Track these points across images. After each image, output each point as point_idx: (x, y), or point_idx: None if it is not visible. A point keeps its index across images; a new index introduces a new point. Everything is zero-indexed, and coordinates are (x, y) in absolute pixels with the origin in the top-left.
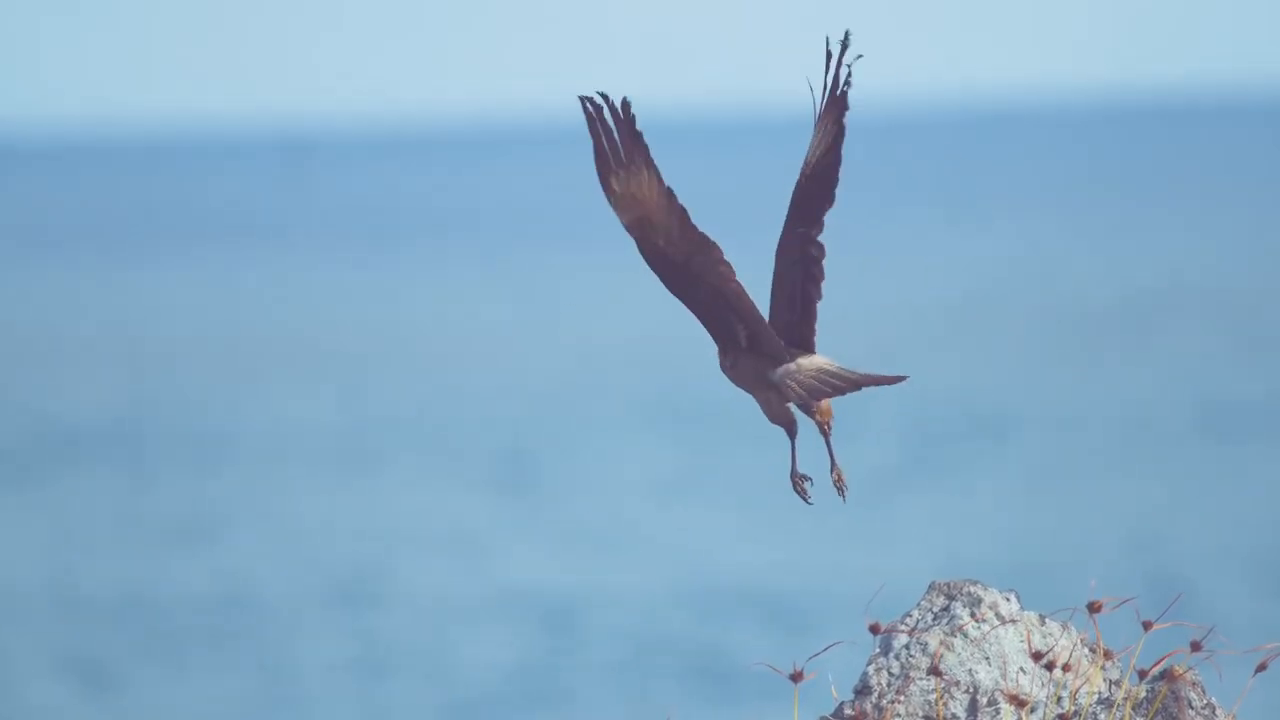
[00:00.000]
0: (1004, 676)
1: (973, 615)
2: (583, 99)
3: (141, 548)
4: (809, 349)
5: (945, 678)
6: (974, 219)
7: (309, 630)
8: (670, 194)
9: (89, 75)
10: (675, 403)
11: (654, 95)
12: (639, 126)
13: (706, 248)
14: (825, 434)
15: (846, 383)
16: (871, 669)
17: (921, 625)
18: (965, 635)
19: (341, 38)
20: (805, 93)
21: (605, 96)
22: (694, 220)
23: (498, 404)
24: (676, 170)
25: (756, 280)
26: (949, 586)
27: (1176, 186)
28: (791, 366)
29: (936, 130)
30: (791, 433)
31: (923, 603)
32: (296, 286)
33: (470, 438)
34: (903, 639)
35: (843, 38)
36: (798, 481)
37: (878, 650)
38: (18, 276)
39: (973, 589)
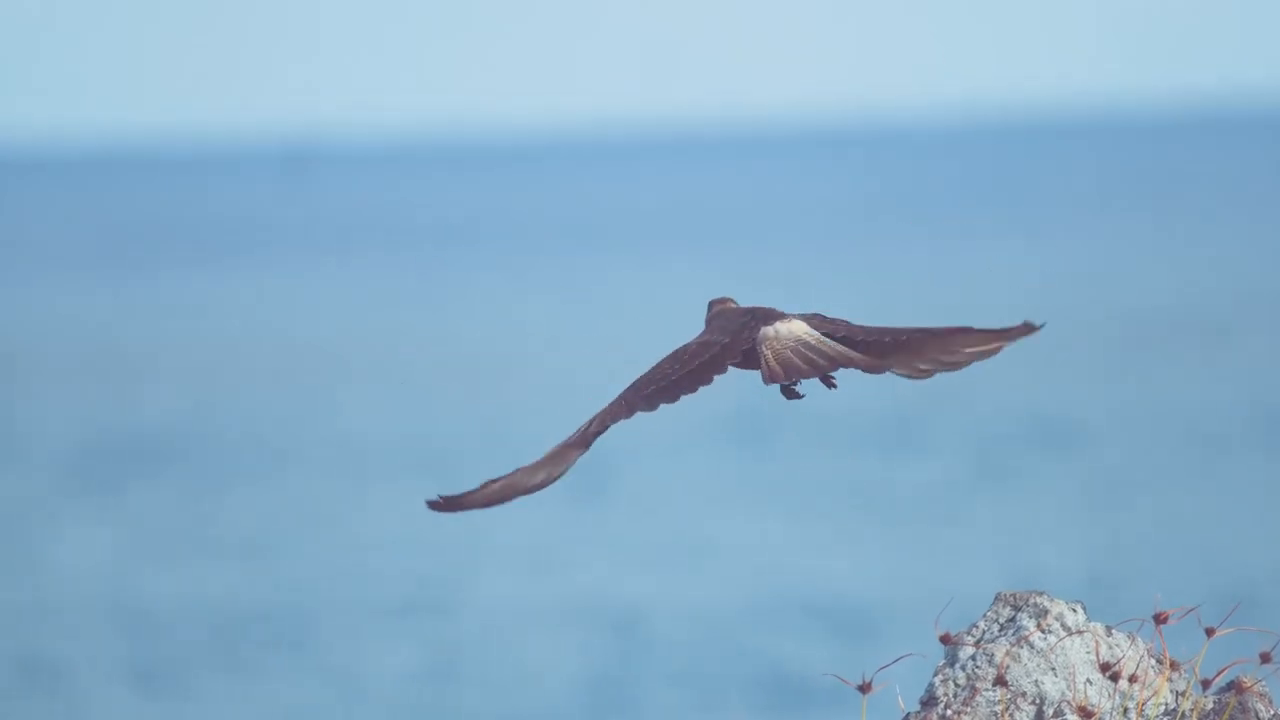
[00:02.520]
0: (1070, 688)
1: (1039, 626)
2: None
3: (208, 557)
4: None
5: (1011, 689)
6: (1036, 228)
7: (377, 640)
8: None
9: (90, 87)
10: (742, 412)
11: (655, 106)
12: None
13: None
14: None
15: (825, 359)
16: (938, 680)
17: (987, 636)
18: (1031, 646)
19: (342, 46)
20: (799, 106)
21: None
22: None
23: (563, 413)
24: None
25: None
26: (1015, 597)
27: (1242, 195)
28: (770, 331)
29: (1001, 139)
30: (766, 382)
31: (989, 614)
32: (359, 295)
33: (537, 447)
34: (969, 650)
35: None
36: (787, 387)
37: (944, 661)
38: (76, 287)
39: (1039, 600)
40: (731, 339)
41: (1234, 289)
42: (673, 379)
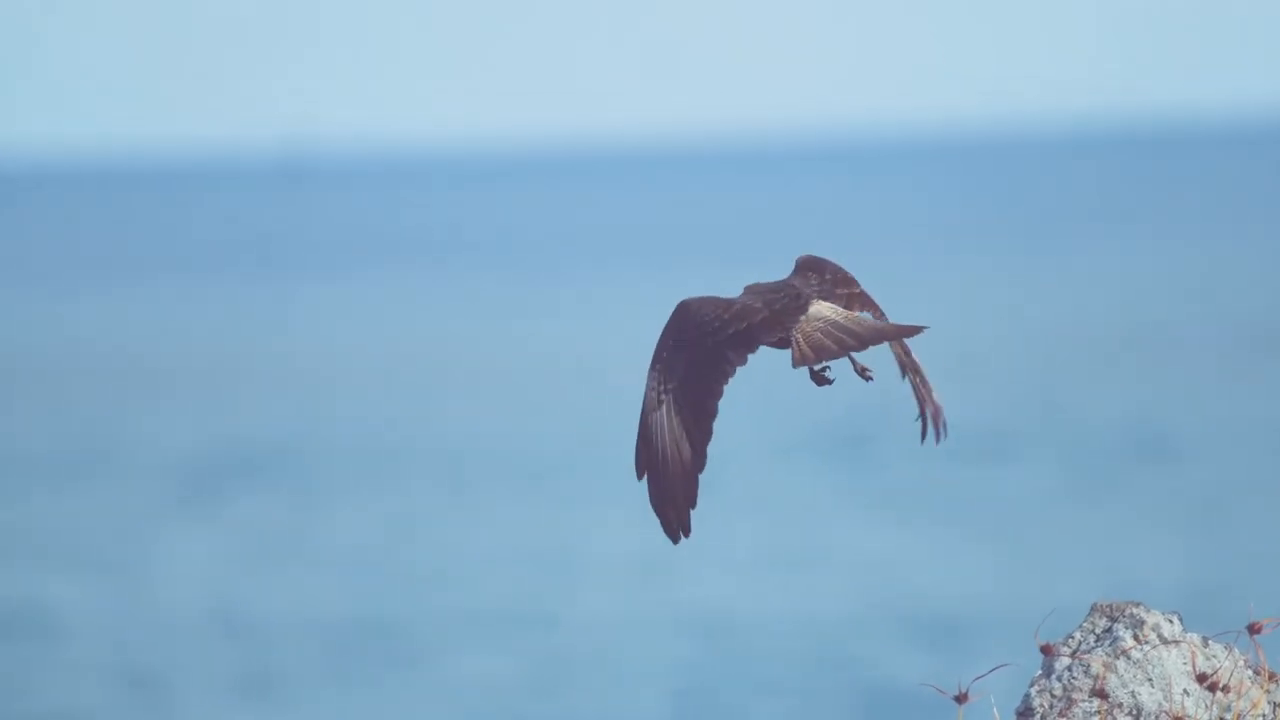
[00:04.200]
0: (1167, 698)
1: (1135, 637)
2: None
3: (313, 568)
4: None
5: (1109, 699)
6: (1137, 239)
7: (478, 650)
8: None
9: (97, 101)
10: (842, 422)
11: (661, 120)
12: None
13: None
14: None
15: (855, 339)
16: (1034, 690)
17: (1084, 647)
18: (1128, 657)
19: (343, 57)
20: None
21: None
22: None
23: None
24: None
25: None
26: (1111, 608)
27: None
28: (800, 317)
29: (1102, 150)
30: (795, 365)
31: (1085, 624)
32: (456, 305)
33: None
34: (1065, 660)
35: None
36: (816, 374)
37: (1040, 672)
38: (180, 298)
39: (1135, 610)
40: (771, 314)
41: None
42: (707, 337)
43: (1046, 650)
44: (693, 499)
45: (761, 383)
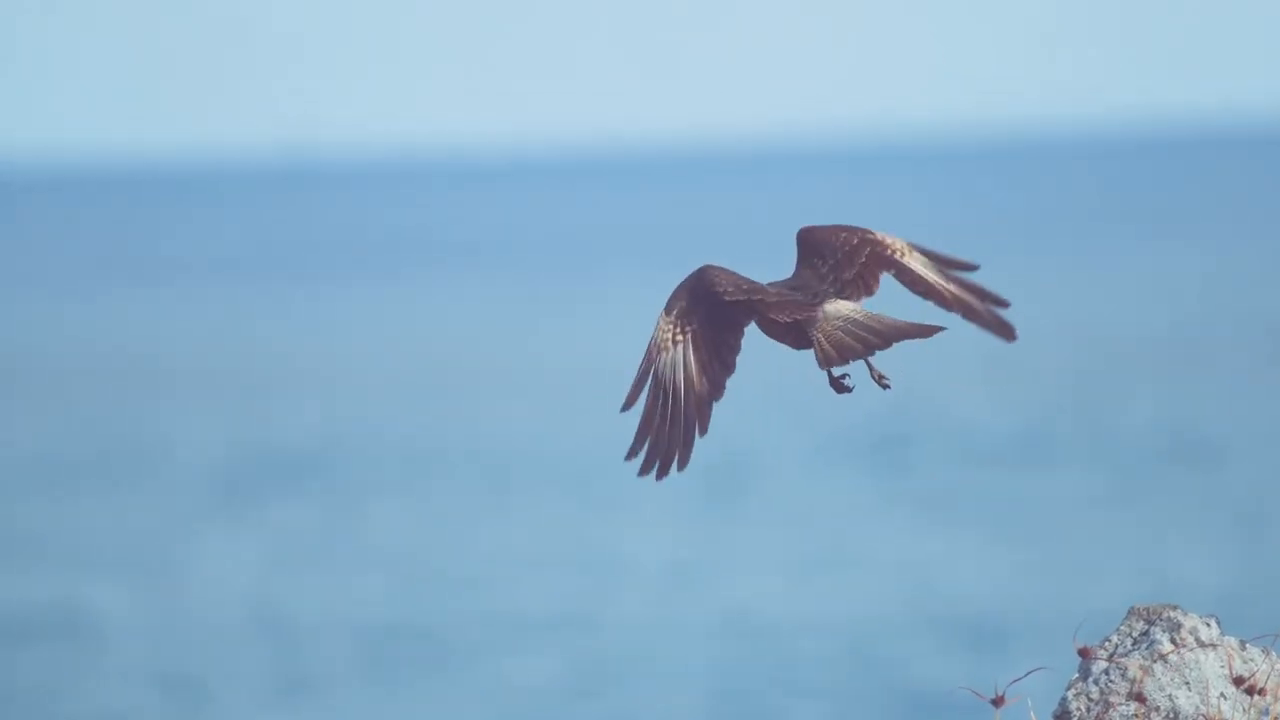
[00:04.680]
0: (1204, 702)
1: (1172, 640)
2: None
3: (351, 570)
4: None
5: (1147, 703)
6: (1171, 242)
7: (518, 653)
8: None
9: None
10: (879, 426)
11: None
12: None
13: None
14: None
15: (878, 337)
16: (1071, 694)
17: (1121, 650)
18: (1165, 660)
19: (342, 60)
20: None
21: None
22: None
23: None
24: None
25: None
26: (1148, 611)
27: None
28: (817, 315)
29: (1126, 152)
30: (820, 365)
31: (1122, 628)
32: (491, 304)
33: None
34: (1102, 664)
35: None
36: (835, 382)
37: (1077, 675)
38: (216, 301)
39: (1172, 614)
40: (781, 300)
41: None
42: (736, 298)
43: (1084, 653)
44: (705, 426)
45: (796, 386)
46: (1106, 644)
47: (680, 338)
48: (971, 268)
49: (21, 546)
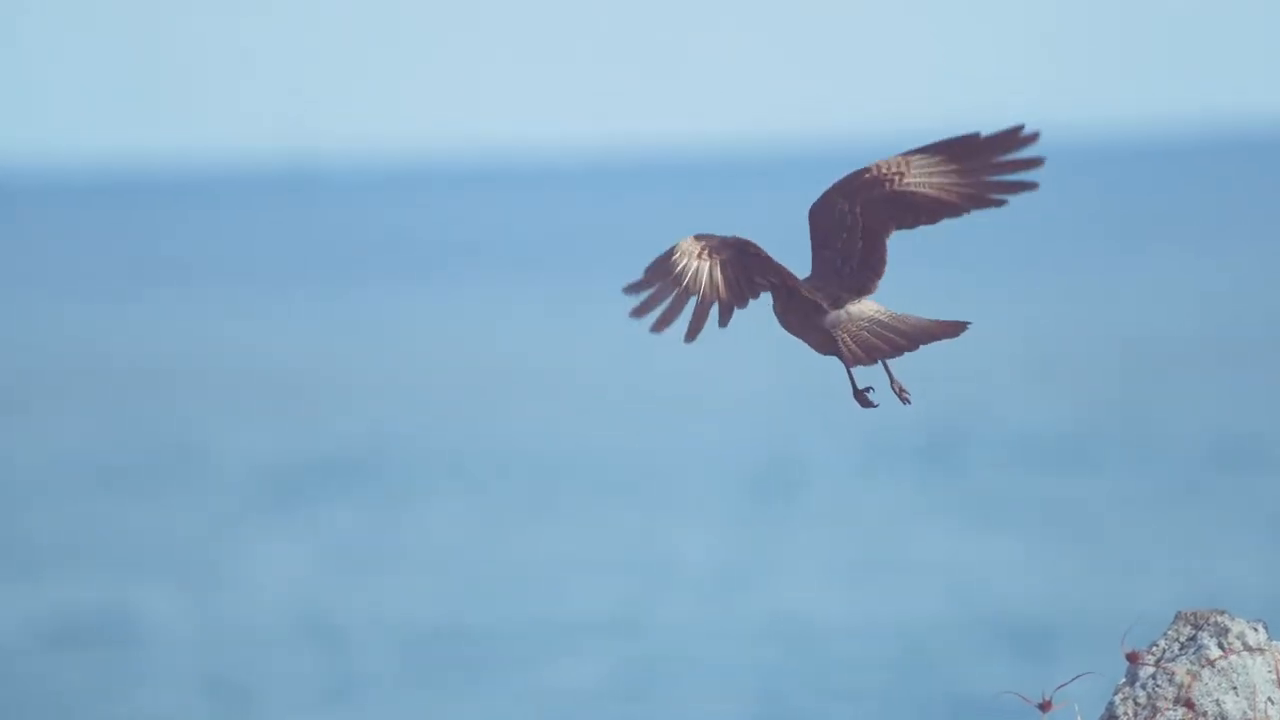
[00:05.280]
0: (1252, 707)
1: (1220, 645)
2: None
3: (397, 574)
4: (864, 291)
5: (1195, 708)
6: (1211, 245)
7: (563, 658)
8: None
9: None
10: (920, 430)
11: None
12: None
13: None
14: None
15: (905, 338)
16: (1118, 699)
17: (1168, 655)
18: (1213, 665)
19: (341, 64)
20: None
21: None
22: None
23: (749, 430)
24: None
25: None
26: (1196, 616)
27: None
28: (842, 315)
29: (1175, 159)
30: (847, 364)
31: (1169, 632)
32: (534, 308)
33: (722, 466)
34: (1149, 669)
35: (1024, 134)
36: (860, 395)
37: (1124, 680)
38: (261, 306)
39: (1220, 619)
40: (805, 291)
41: None
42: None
43: (1131, 658)
44: (724, 323)
45: (841, 389)
46: (1154, 649)
47: (706, 258)
48: (975, 136)
49: (70, 551)
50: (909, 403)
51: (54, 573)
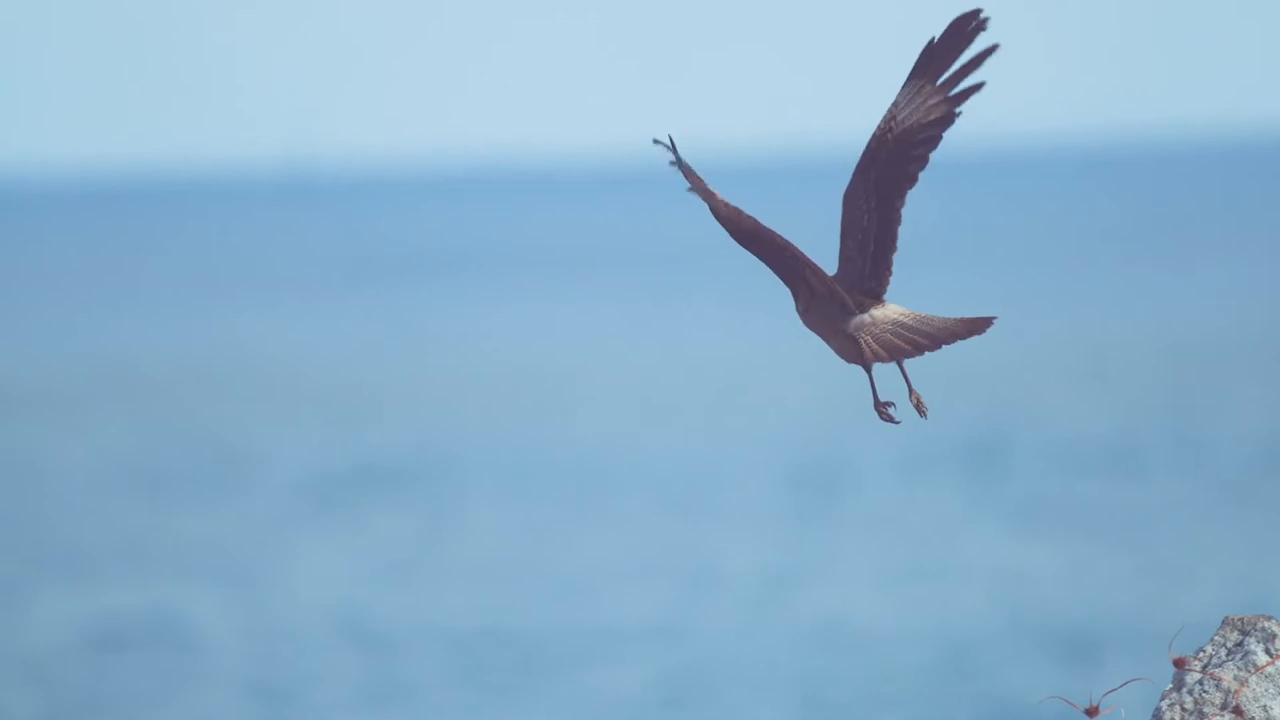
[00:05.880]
0: None
1: (1267, 651)
2: (658, 141)
3: (443, 581)
4: (879, 295)
5: (1244, 714)
6: (1259, 251)
7: (612, 662)
8: (736, 211)
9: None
10: (967, 436)
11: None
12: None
13: (767, 237)
14: (898, 364)
15: (928, 339)
16: (1165, 704)
17: (1215, 661)
18: (1260, 671)
19: (340, 69)
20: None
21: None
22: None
23: (793, 435)
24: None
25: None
26: (1243, 622)
27: None
28: (865, 319)
29: (1222, 164)
30: (867, 368)
31: (1216, 638)
32: (581, 315)
33: (767, 471)
34: (1195, 675)
35: (977, 19)
36: (882, 409)
37: (1171, 685)
38: (309, 313)
39: (1267, 624)
40: (831, 293)
41: None
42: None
43: (1178, 664)
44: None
45: (887, 394)
46: (1200, 654)
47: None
48: (931, 41)
49: (118, 555)
50: (925, 416)
51: (103, 577)
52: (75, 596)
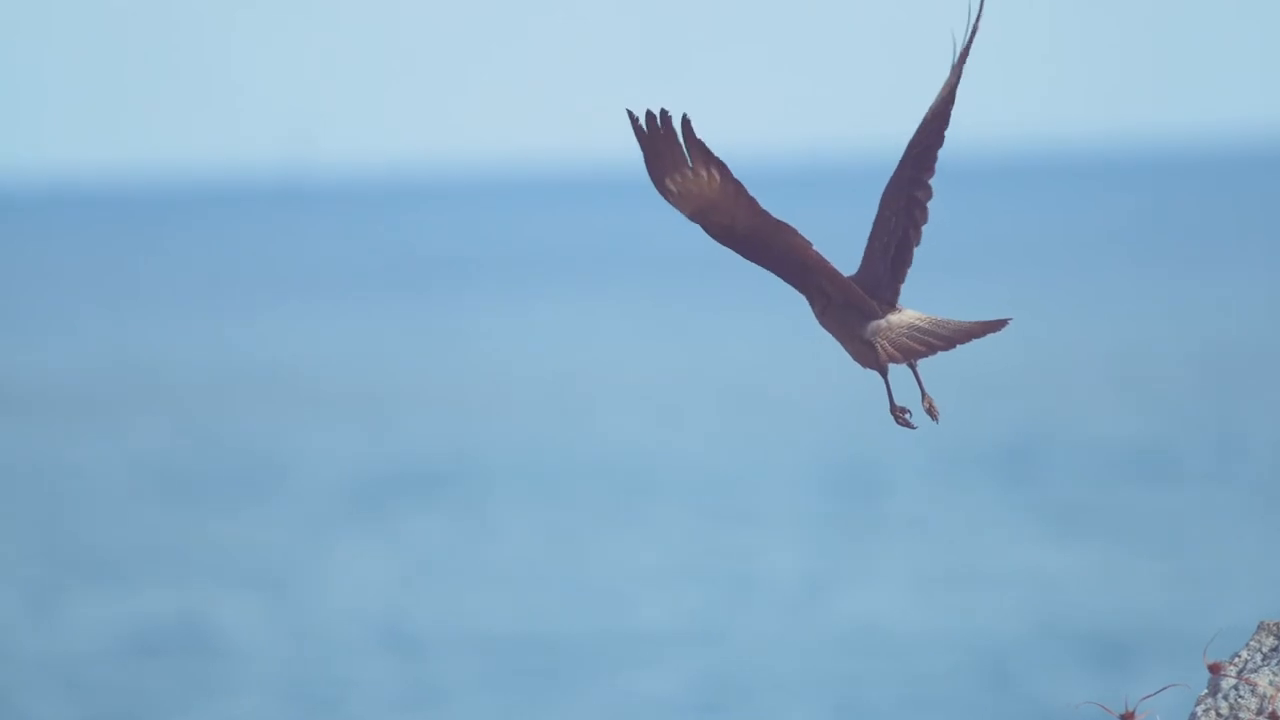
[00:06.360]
0: None
1: None
2: (630, 114)
3: (478, 585)
4: (893, 300)
5: None
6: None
7: (646, 666)
8: (740, 186)
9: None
10: (1001, 440)
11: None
12: (698, 135)
13: (780, 229)
14: (911, 368)
15: (942, 340)
16: (1200, 710)
17: (1250, 666)
18: None
19: (338, 75)
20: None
21: (662, 111)
22: (763, 207)
23: (827, 439)
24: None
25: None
26: (1278, 627)
27: None
28: (882, 323)
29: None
30: (883, 373)
31: (1251, 643)
32: (614, 319)
33: (801, 475)
34: (1231, 680)
35: None
36: (898, 414)
37: (1206, 691)
38: (344, 316)
39: None
40: (850, 297)
41: None
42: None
43: (1214, 669)
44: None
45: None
46: (1236, 659)
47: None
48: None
49: (153, 559)
50: (937, 420)
51: (137, 581)
52: (109, 602)
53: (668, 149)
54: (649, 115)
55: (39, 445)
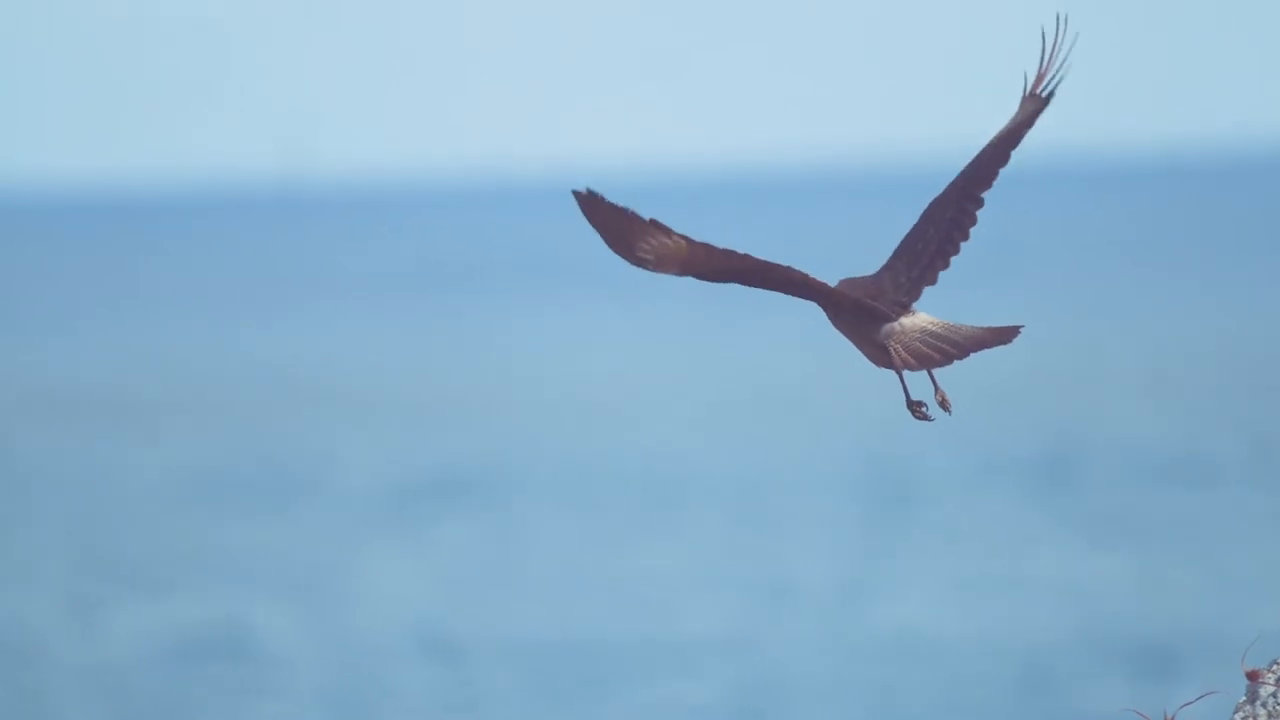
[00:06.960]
0: None
1: None
2: (576, 194)
3: (511, 592)
4: (908, 304)
5: None
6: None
7: (683, 673)
8: (708, 246)
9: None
10: (1037, 446)
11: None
12: (627, 205)
13: (770, 267)
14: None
15: (956, 348)
16: (1238, 717)
17: None
18: None
19: (336, 81)
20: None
21: (590, 191)
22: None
23: (863, 444)
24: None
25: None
26: None
27: None
28: (895, 326)
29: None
30: (898, 371)
31: None
32: (647, 326)
33: (837, 481)
34: (1269, 687)
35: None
36: (915, 408)
37: (1244, 699)
38: (375, 323)
39: None
40: (848, 300)
41: None
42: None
43: (1252, 676)
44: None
45: (957, 405)
46: (1275, 667)
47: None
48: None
49: (191, 565)
50: (950, 413)
51: (175, 587)
52: (148, 607)
53: (623, 223)
54: (589, 195)
55: (79, 451)
